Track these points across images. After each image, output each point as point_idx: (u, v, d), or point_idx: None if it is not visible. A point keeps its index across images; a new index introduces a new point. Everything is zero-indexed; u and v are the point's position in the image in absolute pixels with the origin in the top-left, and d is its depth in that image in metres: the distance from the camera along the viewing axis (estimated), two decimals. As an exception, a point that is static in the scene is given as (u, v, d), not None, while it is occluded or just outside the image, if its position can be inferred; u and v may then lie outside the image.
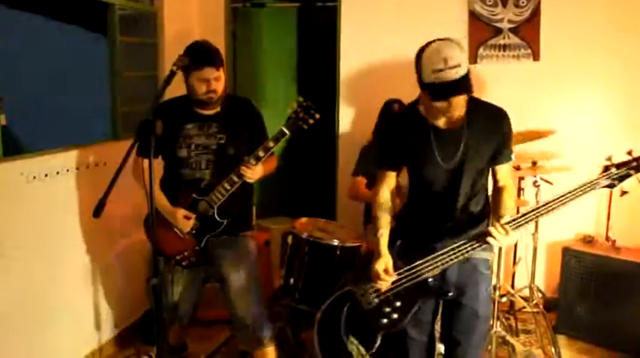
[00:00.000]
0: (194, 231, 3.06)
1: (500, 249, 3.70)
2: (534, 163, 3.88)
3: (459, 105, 2.30)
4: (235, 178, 2.94)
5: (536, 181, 3.82)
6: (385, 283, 2.48)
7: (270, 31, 5.42)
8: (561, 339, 3.96)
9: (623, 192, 2.27)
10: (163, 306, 2.41)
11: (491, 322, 3.56)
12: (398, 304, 2.56)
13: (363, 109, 4.57)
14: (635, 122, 4.22)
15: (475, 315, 2.55)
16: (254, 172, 2.93)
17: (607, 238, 4.10)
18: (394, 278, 2.48)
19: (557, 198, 2.31)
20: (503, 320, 3.95)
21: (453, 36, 4.31)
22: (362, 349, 3.05)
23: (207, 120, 3.07)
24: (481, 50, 4.43)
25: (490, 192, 2.62)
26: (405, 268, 2.48)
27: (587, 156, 4.08)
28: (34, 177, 3.08)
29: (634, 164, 2.27)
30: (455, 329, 2.60)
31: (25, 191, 3.04)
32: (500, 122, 2.46)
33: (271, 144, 2.90)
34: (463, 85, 2.21)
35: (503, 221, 2.32)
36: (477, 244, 2.36)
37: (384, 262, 2.48)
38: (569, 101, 4.34)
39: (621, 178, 2.27)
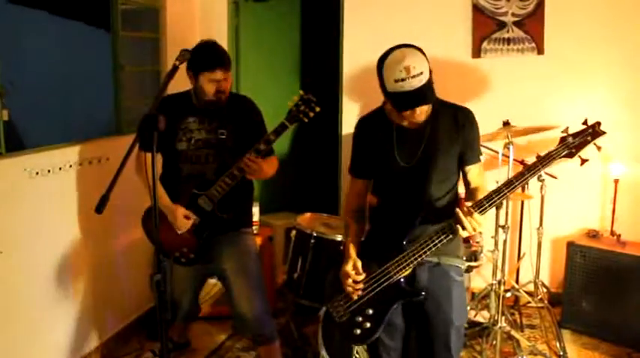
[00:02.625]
0: (193, 228, 3.05)
1: (504, 243, 3.68)
2: (538, 157, 3.85)
3: (422, 111, 2.29)
4: (236, 172, 2.92)
5: (540, 175, 3.80)
6: (354, 285, 2.41)
7: (273, 25, 5.41)
8: (566, 334, 3.95)
9: (583, 161, 2.25)
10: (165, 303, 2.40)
11: (495, 317, 3.56)
12: (370, 312, 2.46)
13: (367, 105, 4.55)
14: (638, 115, 4.20)
15: (450, 323, 2.47)
16: (255, 166, 2.91)
17: (612, 233, 4.08)
18: (362, 277, 2.42)
19: (518, 176, 2.25)
20: (508, 315, 3.95)
21: (456, 30, 4.36)
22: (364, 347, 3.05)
23: (208, 115, 3.07)
24: (485, 44, 4.40)
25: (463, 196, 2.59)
26: (377, 272, 2.41)
27: (590, 149, 4.08)
28: (37, 173, 3.08)
29: (589, 131, 2.24)
30: (431, 338, 2.51)
31: (28, 186, 3.03)
32: (464, 122, 2.42)
33: (272, 136, 2.89)
34: (425, 94, 2.19)
35: (465, 207, 2.24)
36: (444, 234, 2.27)
37: (352, 261, 2.43)
38: (573, 95, 4.32)
39: (578, 146, 2.22)
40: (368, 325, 2.46)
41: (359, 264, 2.43)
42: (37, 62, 4.86)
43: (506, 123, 3.67)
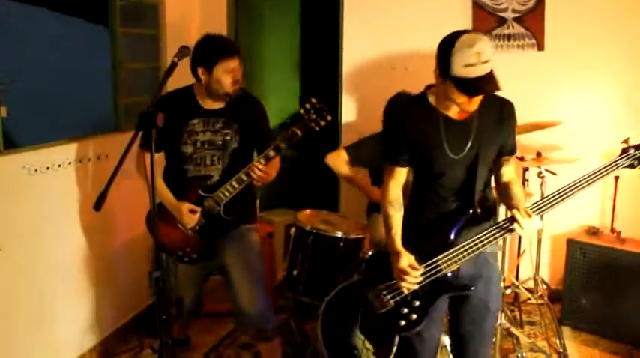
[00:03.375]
0: (197, 228, 3.01)
1: (504, 240, 3.68)
2: (539, 154, 3.86)
3: (479, 99, 2.25)
4: (244, 177, 2.87)
5: (540, 172, 3.80)
6: (414, 279, 2.37)
7: (273, 22, 5.40)
8: (566, 331, 3.95)
9: None
10: (168, 300, 2.40)
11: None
12: (417, 304, 2.45)
13: (366, 101, 4.55)
14: (638, 111, 4.19)
15: (486, 308, 2.49)
16: (264, 175, 2.88)
17: (612, 229, 4.08)
18: (422, 271, 2.38)
19: (580, 180, 2.28)
20: (508, 311, 3.94)
21: (457, 26, 4.34)
22: (367, 342, 3.06)
23: (213, 116, 3.02)
24: (485, 40, 4.39)
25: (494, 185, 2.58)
26: (425, 265, 2.39)
27: (591, 146, 4.08)
28: (36, 170, 3.07)
29: None
30: (465, 323, 2.53)
31: (27, 184, 3.03)
32: (509, 114, 2.42)
33: (283, 145, 2.81)
34: (493, 81, 2.17)
35: (523, 207, 2.28)
36: (500, 233, 2.30)
37: (407, 258, 2.38)
38: (573, 91, 4.31)
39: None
40: (414, 317, 2.46)
41: (413, 259, 2.38)
42: (36, 59, 4.86)
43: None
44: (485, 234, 2.33)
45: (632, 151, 2.29)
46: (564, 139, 4.16)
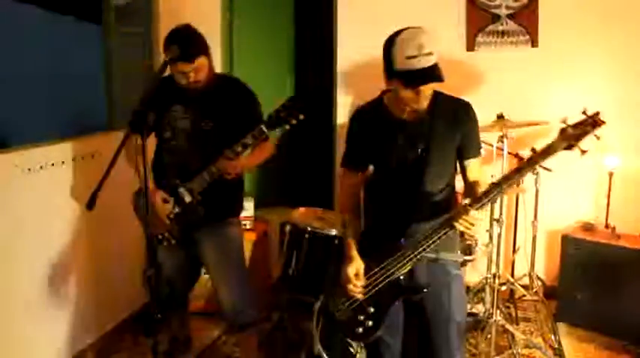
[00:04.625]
0: (173, 216, 2.94)
1: (499, 237, 3.68)
2: (533, 151, 3.85)
3: (426, 95, 2.26)
4: (214, 170, 2.82)
5: (534, 168, 3.79)
6: (355, 288, 2.38)
7: (267, 19, 5.39)
8: (561, 327, 3.95)
9: (583, 152, 2.17)
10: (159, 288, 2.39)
11: (490, 310, 3.56)
12: (371, 310, 2.44)
13: (361, 99, 4.47)
14: (633, 108, 4.19)
15: (450, 319, 2.46)
16: (233, 167, 2.82)
17: (607, 225, 4.08)
18: (363, 282, 2.38)
19: (516, 170, 2.22)
20: (503, 308, 3.94)
21: (450, 23, 4.35)
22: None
23: (193, 102, 2.94)
24: (479, 37, 4.39)
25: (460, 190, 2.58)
26: (376, 269, 2.39)
27: (586, 142, 4.07)
28: (29, 169, 3.06)
29: (589, 121, 2.15)
30: (431, 334, 2.50)
31: (20, 183, 3.01)
32: (464, 115, 2.41)
33: (249, 141, 2.75)
34: (436, 72, 2.17)
35: (464, 203, 2.22)
36: (443, 231, 2.25)
37: (355, 266, 2.39)
38: (567, 87, 4.31)
39: (578, 137, 2.13)
40: (370, 323, 2.44)
41: (361, 267, 2.39)
42: (27, 57, 4.83)
43: (500, 116, 3.66)
44: (428, 235, 2.29)
45: (569, 131, 2.14)
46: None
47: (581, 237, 3.97)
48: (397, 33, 2.23)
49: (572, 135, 2.13)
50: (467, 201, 2.23)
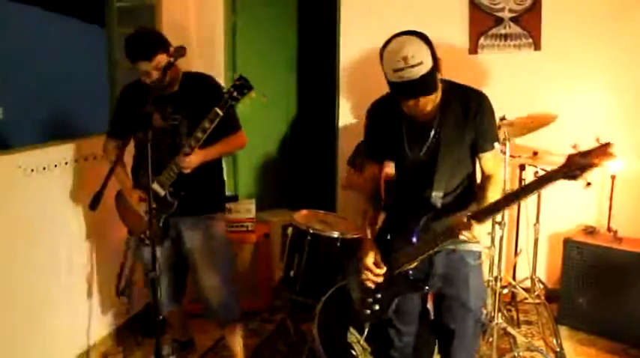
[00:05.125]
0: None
1: (501, 239, 3.68)
2: (535, 153, 3.86)
3: (428, 101, 2.22)
4: (174, 168, 2.91)
5: (537, 172, 3.79)
6: (374, 276, 2.44)
7: (270, 20, 5.39)
8: (563, 330, 3.95)
9: (588, 184, 2.07)
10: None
11: (491, 313, 3.56)
12: (378, 296, 2.51)
13: (363, 100, 4.48)
14: (636, 111, 4.19)
15: (464, 306, 2.48)
16: (189, 161, 2.89)
17: (609, 229, 4.07)
18: (383, 271, 2.44)
19: (517, 193, 2.16)
20: (505, 311, 3.94)
21: (454, 26, 4.35)
22: (362, 340, 3.05)
23: (164, 102, 3.00)
24: (482, 40, 4.39)
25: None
26: (388, 260, 2.45)
27: (588, 145, 4.07)
28: (32, 170, 3.07)
29: (599, 151, 1.97)
30: (447, 321, 2.54)
31: (23, 184, 3.02)
32: (476, 108, 2.34)
33: (207, 124, 2.82)
34: (425, 85, 2.13)
35: (468, 213, 2.21)
36: (447, 237, 2.25)
37: (373, 255, 2.44)
38: (570, 91, 4.31)
39: (584, 168, 1.95)
40: (376, 307, 2.51)
41: (378, 257, 2.45)
42: (31, 59, 4.84)
43: (502, 119, 3.66)
44: (433, 239, 2.30)
45: (576, 159, 1.97)
46: (561, 139, 4.15)
47: (583, 241, 3.97)
48: (387, 42, 2.19)
49: (579, 164, 1.96)
50: (469, 213, 2.19)
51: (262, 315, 4.23)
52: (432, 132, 2.35)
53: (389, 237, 2.50)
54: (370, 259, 2.44)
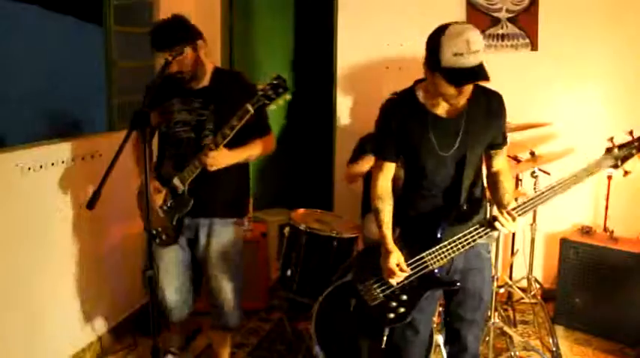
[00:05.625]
0: (165, 208, 2.93)
1: (498, 239, 3.68)
2: (532, 154, 3.86)
3: (468, 92, 2.24)
4: (197, 163, 2.79)
5: (534, 172, 3.80)
6: (399, 279, 2.44)
7: (267, 19, 5.39)
8: (559, 330, 3.96)
9: (626, 172, 2.32)
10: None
11: (488, 313, 3.56)
12: (404, 298, 2.50)
13: (361, 100, 4.55)
14: (633, 111, 4.19)
15: (480, 300, 2.55)
16: (214, 158, 2.76)
17: (605, 229, 4.09)
18: (408, 273, 2.43)
19: (562, 181, 2.29)
20: (501, 311, 3.95)
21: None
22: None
23: (192, 95, 2.93)
24: (479, 40, 4.39)
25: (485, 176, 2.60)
26: (412, 260, 2.44)
27: (585, 146, 4.08)
28: (29, 169, 3.06)
29: (636, 144, 2.30)
30: (460, 312, 2.57)
31: (20, 182, 3.02)
32: (498, 107, 2.43)
33: (236, 121, 2.68)
34: (483, 71, 2.15)
35: (510, 207, 2.30)
36: (484, 231, 2.34)
37: (396, 258, 2.42)
38: (567, 91, 4.32)
39: (624, 159, 2.29)
40: (402, 310, 2.51)
41: (402, 259, 2.43)
42: (28, 57, 4.84)
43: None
44: (470, 233, 2.36)
45: (615, 151, 2.31)
46: (558, 139, 4.17)
47: (580, 241, 3.98)
48: (444, 27, 2.19)
49: (619, 156, 2.29)
50: (511, 205, 2.32)
51: (259, 314, 4.23)
52: (462, 128, 2.36)
53: (397, 232, 2.51)
54: (394, 261, 2.42)
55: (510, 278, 4.31)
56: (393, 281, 2.46)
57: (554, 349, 3.67)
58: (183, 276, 3.12)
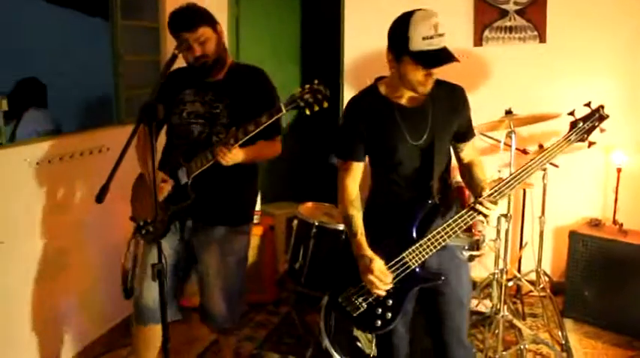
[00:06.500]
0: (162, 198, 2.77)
1: (506, 232, 3.67)
2: (541, 146, 3.85)
3: (434, 77, 2.26)
4: (210, 156, 2.64)
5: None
6: (385, 286, 2.32)
7: (273, 14, 5.38)
8: (568, 323, 3.95)
9: (591, 143, 2.39)
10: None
11: (497, 305, 3.56)
12: (390, 302, 2.40)
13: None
14: (642, 103, 4.19)
15: (460, 302, 2.46)
16: (230, 156, 2.60)
17: (614, 221, 4.07)
18: (390, 279, 2.33)
19: (534, 160, 2.30)
20: (510, 304, 3.94)
21: (458, 18, 4.33)
22: (369, 334, 3.05)
23: (207, 87, 2.83)
24: (487, 32, 4.38)
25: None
26: (392, 263, 2.35)
27: (593, 139, 4.06)
28: (37, 163, 3.07)
29: (597, 115, 2.37)
30: (441, 320, 2.48)
31: (29, 176, 3.03)
32: (461, 99, 2.44)
33: (264, 119, 2.54)
34: (451, 54, 2.18)
35: (485, 193, 2.28)
36: (465, 222, 2.29)
37: (378, 266, 2.32)
38: (575, 83, 4.29)
39: (589, 131, 2.37)
40: (389, 315, 2.41)
41: (382, 264, 2.33)
42: (35, 52, 4.84)
43: (508, 112, 3.64)
44: (449, 225, 2.30)
45: (580, 124, 2.36)
46: (566, 131, 4.15)
47: (589, 233, 3.97)
48: (409, 13, 2.24)
49: (584, 129, 2.35)
50: (485, 192, 2.30)
51: (267, 308, 4.23)
52: (430, 118, 2.35)
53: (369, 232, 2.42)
54: (376, 270, 2.31)
55: (519, 271, 4.30)
56: (381, 292, 2.34)
57: (563, 342, 3.66)
58: (171, 279, 2.84)
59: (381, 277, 2.31)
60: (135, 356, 2.97)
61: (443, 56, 2.17)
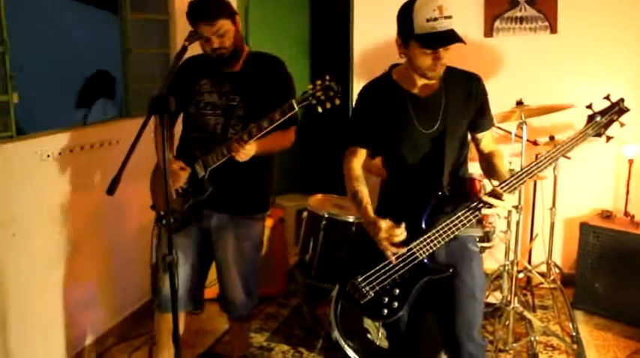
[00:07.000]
0: (181, 190, 2.81)
1: (517, 224, 3.66)
2: (552, 138, 3.83)
3: (443, 62, 2.23)
4: (225, 152, 2.65)
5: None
6: (398, 239, 2.27)
7: (283, 5, 5.37)
8: (579, 315, 3.94)
9: (609, 138, 2.32)
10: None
11: (507, 297, 3.55)
12: (397, 291, 2.40)
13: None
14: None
15: (471, 295, 2.40)
16: (245, 151, 2.60)
17: (626, 213, 4.05)
18: (404, 235, 2.28)
19: (548, 155, 2.26)
20: (521, 295, 3.93)
21: (468, 9, 4.31)
22: (380, 326, 3.05)
23: (224, 77, 2.81)
24: (497, 23, 4.35)
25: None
26: (402, 252, 2.33)
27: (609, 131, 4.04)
28: (48, 156, 3.08)
29: (616, 109, 2.30)
30: (453, 312, 2.42)
31: (39, 169, 3.04)
32: (477, 88, 2.40)
33: (278, 116, 2.53)
34: (457, 35, 2.16)
35: (499, 186, 2.22)
36: (474, 215, 2.25)
37: (385, 223, 2.29)
38: (586, 74, 4.26)
39: (607, 125, 2.30)
40: (395, 304, 2.40)
41: (390, 223, 2.29)
42: (45, 45, 4.86)
43: (519, 103, 3.62)
44: (457, 218, 2.27)
45: (598, 119, 2.30)
46: (577, 123, 4.11)
47: (600, 225, 3.95)
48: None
49: (602, 124, 2.28)
50: (496, 183, 2.26)
51: (278, 300, 4.24)
52: (442, 107, 2.34)
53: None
54: (384, 225, 2.28)
55: (529, 263, 4.29)
56: (394, 249, 2.30)
57: (574, 334, 3.65)
58: (188, 266, 2.92)
59: (390, 232, 2.28)
60: (155, 341, 3.10)
61: (448, 37, 2.15)
